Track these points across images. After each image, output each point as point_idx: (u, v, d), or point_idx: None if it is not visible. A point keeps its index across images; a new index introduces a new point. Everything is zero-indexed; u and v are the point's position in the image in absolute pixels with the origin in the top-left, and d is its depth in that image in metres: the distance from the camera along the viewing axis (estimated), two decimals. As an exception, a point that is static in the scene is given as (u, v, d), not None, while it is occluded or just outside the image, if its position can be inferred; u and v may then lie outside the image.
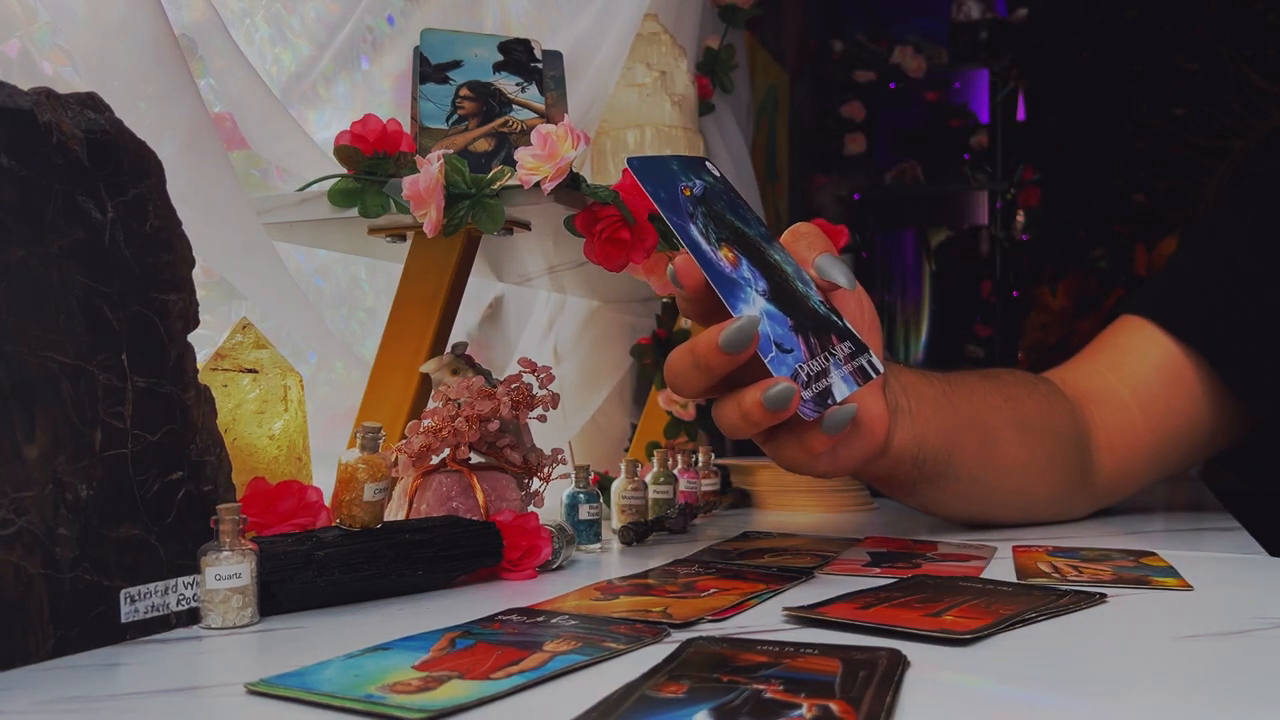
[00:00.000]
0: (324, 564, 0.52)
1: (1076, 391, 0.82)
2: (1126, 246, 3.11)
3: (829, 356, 0.55)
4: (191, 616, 0.48)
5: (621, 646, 0.42)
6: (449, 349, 0.74)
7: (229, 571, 0.47)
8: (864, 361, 0.56)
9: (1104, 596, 0.53)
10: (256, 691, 0.38)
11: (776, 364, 0.53)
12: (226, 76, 0.76)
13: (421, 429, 0.65)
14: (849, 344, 0.56)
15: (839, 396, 0.54)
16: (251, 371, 0.64)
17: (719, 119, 1.40)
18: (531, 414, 0.68)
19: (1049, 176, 3.11)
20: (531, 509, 0.68)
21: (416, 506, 0.65)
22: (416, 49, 0.84)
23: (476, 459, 0.68)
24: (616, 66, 1.06)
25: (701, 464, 0.92)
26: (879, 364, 0.56)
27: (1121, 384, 0.83)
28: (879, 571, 0.60)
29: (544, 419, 0.69)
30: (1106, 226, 3.20)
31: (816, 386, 0.53)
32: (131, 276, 0.47)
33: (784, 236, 0.60)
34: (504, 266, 1.01)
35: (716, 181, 0.59)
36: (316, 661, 0.40)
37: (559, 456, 0.71)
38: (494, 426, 0.66)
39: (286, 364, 0.66)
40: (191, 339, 0.50)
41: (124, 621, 0.45)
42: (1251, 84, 3.04)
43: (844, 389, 0.54)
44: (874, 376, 0.55)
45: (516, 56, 0.86)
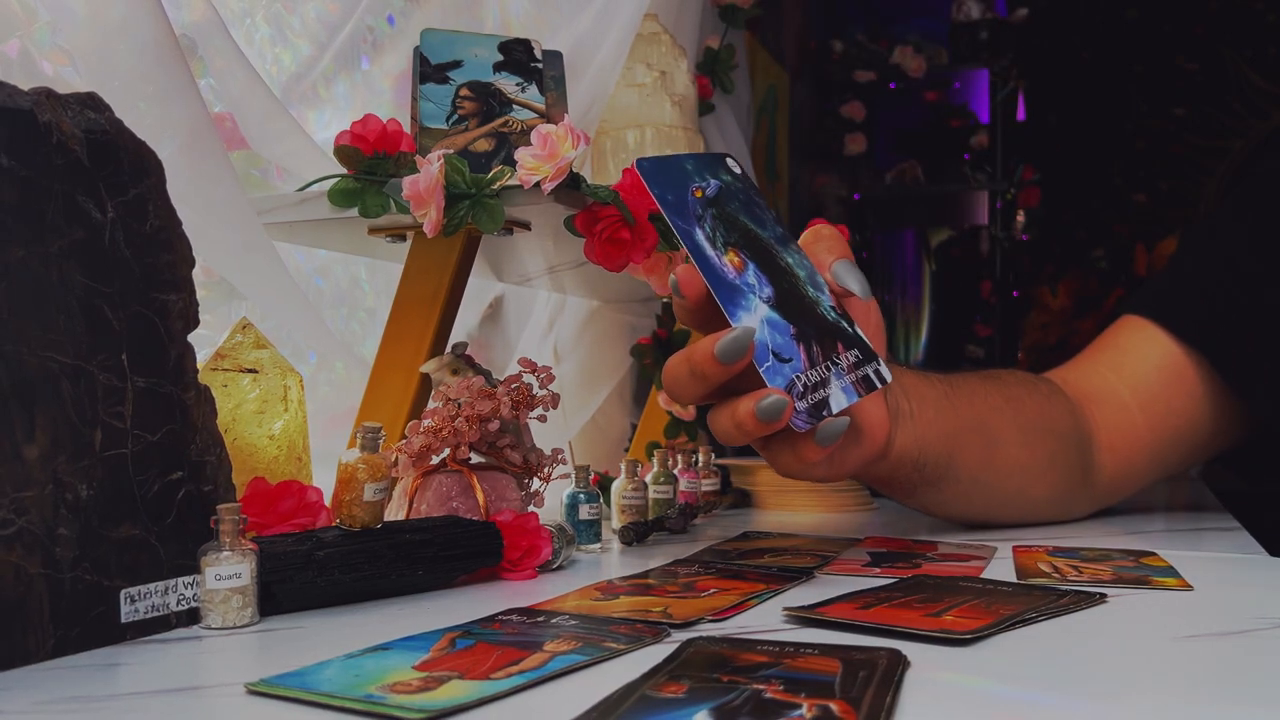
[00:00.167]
0: (324, 564, 0.52)
1: (1077, 392, 0.82)
2: (1126, 246, 3.12)
3: (831, 365, 0.54)
4: (191, 616, 0.48)
5: (622, 646, 0.42)
6: (449, 349, 0.74)
7: (229, 571, 0.47)
8: (870, 370, 0.55)
9: (1104, 596, 0.53)
10: (256, 691, 0.38)
11: (772, 374, 0.52)
12: (227, 76, 0.76)
13: (421, 429, 0.65)
14: (856, 352, 0.55)
15: (835, 408, 0.53)
16: (251, 371, 0.64)
17: (719, 119, 1.40)
18: (531, 414, 0.68)
19: (1049, 176, 3.11)
20: (531, 509, 0.68)
21: (416, 506, 0.65)
22: (416, 49, 0.84)
23: (477, 459, 0.68)
24: (616, 66, 1.06)
25: (701, 464, 0.92)
26: (887, 373, 0.55)
27: (1122, 384, 0.83)
28: (879, 571, 0.60)
29: (544, 419, 0.69)
30: (1106, 226, 3.21)
31: (813, 397, 0.53)
32: (131, 276, 0.47)
33: (804, 237, 0.60)
34: (504, 266, 1.01)
35: (734, 180, 0.59)
36: (316, 661, 0.40)
37: (559, 456, 0.71)
38: (494, 426, 0.66)
39: (286, 364, 0.66)
40: (191, 339, 0.50)
41: (124, 621, 0.45)
42: (1251, 84, 3.04)
43: (843, 399, 0.54)
44: (879, 386, 0.55)
45: (516, 56, 0.86)
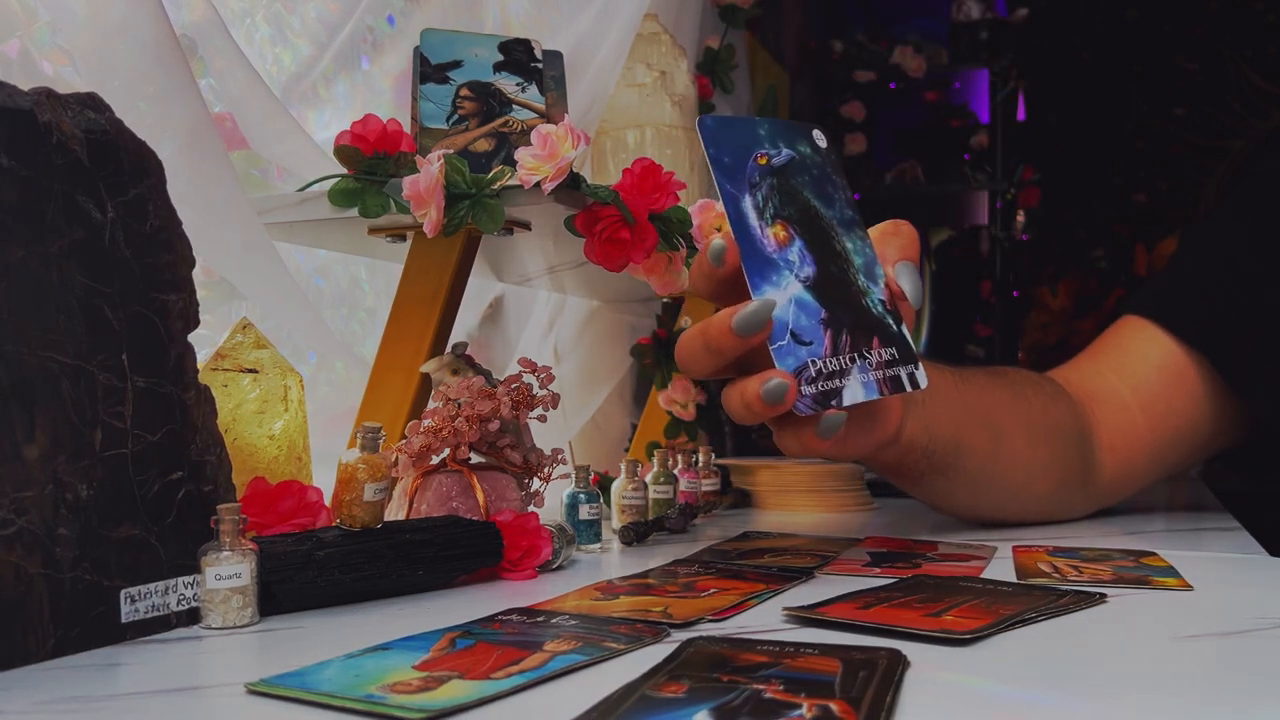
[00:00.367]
0: (324, 564, 0.52)
1: (1079, 391, 0.82)
2: (1126, 246, 3.12)
3: (858, 358, 0.53)
4: (192, 616, 0.48)
5: (622, 646, 0.42)
6: (449, 349, 0.74)
7: (229, 571, 0.47)
8: (903, 372, 0.54)
9: (1104, 596, 0.53)
10: (257, 691, 0.38)
11: (783, 354, 0.52)
12: (227, 76, 0.76)
13: (422, 429, 0.65)
14: (893, 350, 0.54)
15: (849, 400, 0.53)
16: (252, 371, 0.64)
17: (719, 119, 1.40)
18: (531, 414, 0.68)
19: (1049, 176, 3.11)
20: (531, 509, 0.68)
21: (417, 506, 0.65)
22: (417, 49, 0.84)
23: (477, 459, 0.68)
24: (616, 66, 1.06)
25: (702, 464, 0.92)
26: (923, 378, 0.55)
27: (1123, 384, 0.83)
28: (879, 571, 0.60)
29: (544, 419, 0.69)
30: (1106, 226, 3.21)
31: (825, 384, 0.52)
32: (131, 276, 0.47)
33: (879, 227, 0.59)
34: (504, 266, 1.01)
35: (814, 154, 0.57)
36: (316, 661, 0.40)
37: (559, 456, 0.71)
38: (494, 426, 0.66)
39: (286, 364, 0.66)
40: (192, 339, 0.50)
41: (124, 621, 0.45)
42: (1251, 84, 3.04)
43: (859, 393, 0.53)
44: (908, 389, 0.54)
45: (517, 56, 0.86)
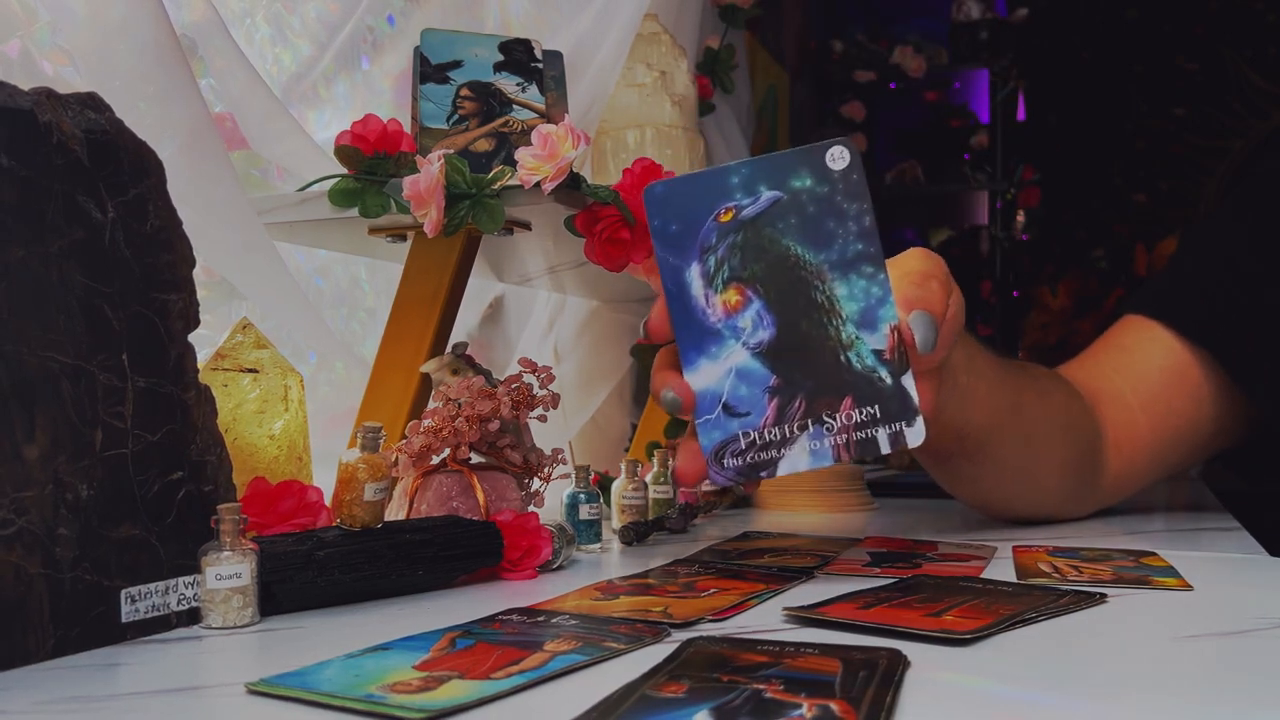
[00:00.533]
0: (324, 564, 0.52)
1: (1086, 390, 0.82)
2: (1126, 246, 3.11)
3: (812, 424, 0.51)
4: (192, 616, 0.48)
5: (622, 646, 0.42)
6: (449, 349, 0.74)
7: (229, 571, 0.47)
8: (884, 432, 0.51)
9: (1104, 596, 0.53)
10: (257, 691, 0.38)
11: (707, 428, 0.51)
12: (227, 76, 0.76)
13: (422, 429, 0.65)
14: (873, 409, 0.51)
15: (784, 470, 0.51)
16: (252, 371, 0.64)
17: (719, 119, 1.40)
18: (532, 414, 0.68)
19: (1049, 176, 3.11)
20: (532, 509, 0.68)
21: (417, 506, 0.65)
22: (417, 49, 0.84)
23: (477, 459, 0.68)
24: (617, 66, 1.06)
25: (701, 464, 0.92)
26: (917, 435, 0.51)
27: (1125, 383, 0.83)
28: (879, 571, 0.60)
29: (544, 419, 0.69)
30: (1106, 226, 3.20)
31: (757, 456, 0.51)
32: (132, 276, 0.47)
33: (905, 262, 0.55)
34: (504, 266, 1.01)
35: (817, 185, 0.52)
36: (317, 661, 0.40)
37: (559, 456, 0.71)
38: (494, 426, 0.66)
39: (287, 364, 0.66)
40: (192, 339, 0.50)
41: (124, 621, 0.45)
42: (1251, 84, 3.04)
43: (801, 463, 0.51)
44: (886, 450, 0.51)
45: (517, 56, 0.86)
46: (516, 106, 0.84)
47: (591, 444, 1.27)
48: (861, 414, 0.51)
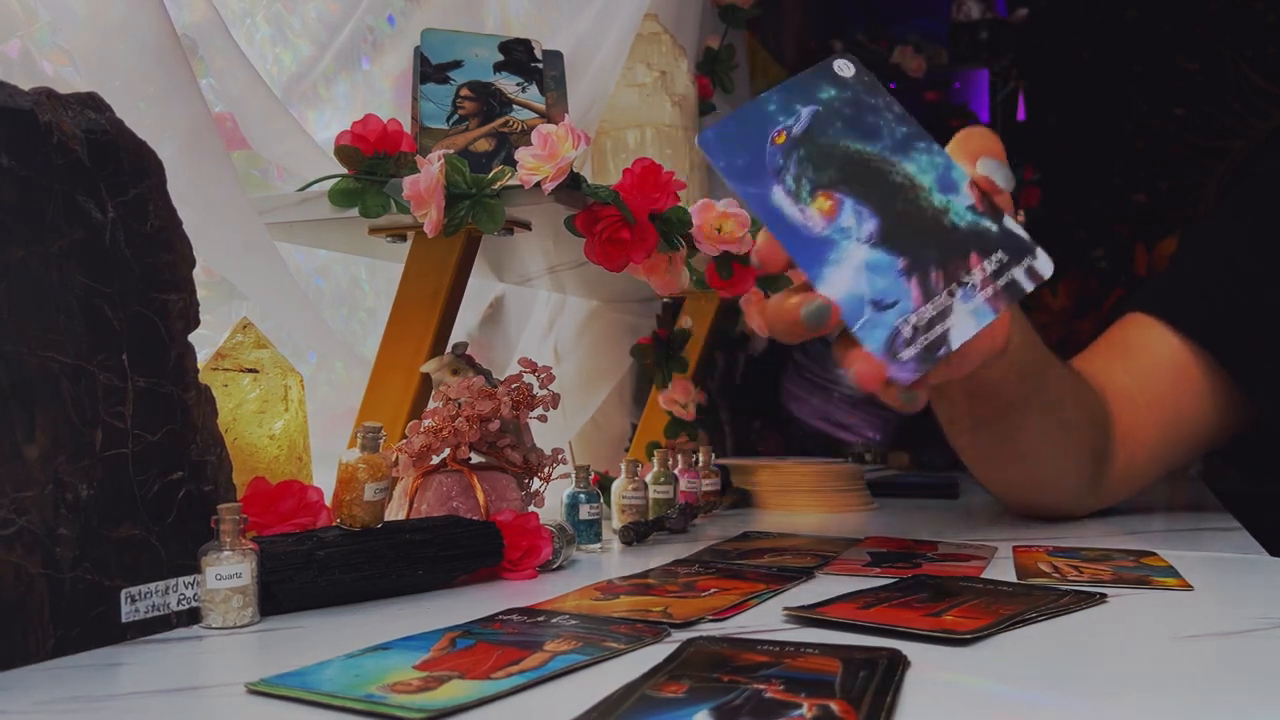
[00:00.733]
0: (324, 564, 0.52)
1: (1095, 385, 0.82)
2: (1126, 246, 3.11)
3: (958, 287, 0.50)
4: (192, 616, 0.48)
5: (622, 646, 0.42)
6: (449, 349, 0.74)
7: (229, 571, 0.47)
8: (1019, 272, 0.51)
9: (1104, 596, 0.53)
10: (257, 691, 0.38)
11: (868, 328, 0.49)
12: (227, 76, 0.76)
13: (422, 429, 0.65)
14: (1000, 255, 0.51)
15: (958, 340, 0.49)
16: (252, 371, 0.64)
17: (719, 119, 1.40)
18: (532, 414, 0.68)
19: (1049, 176, 3.11)
20: (532, 509, 0.68)
21: (417, 506, 0.65)
22: (417, 49, 0.84)
23: (477, 459, 0.68)
24: (617, 66, 1.06)
25: (702, 464, 0.92)
26: (1045, 264, 0.51)
27: (1132, 381, 0.83)
28: (879, 571, 0.60)
29: (544, 419, 0.69)
30: (1106, 226, 3.20)
31: (926, 337, 0.49)
32: (132, 276, 0.47)
33: (957, 139, 0.57)
34: (504, 266, 1.01)
35: (840, 92, 0.55)
36: (317, 661, 0.41)
37: (559, 456, 0.71)
38: (494, 426, 0.66)
39: (287, 364, 0.66)
40: (192, 339, 0.50)
41: (124, 621, 0.45)
42: (1251, 84, 3.04)
43: (971, 326, 0.50)
44: (1029, 287, 0.51)
45: (517, 56, 0.86)
46: (516, 106, 0.84)
47: (591, 444, 1.27)
48: (991, 264, 0.52)
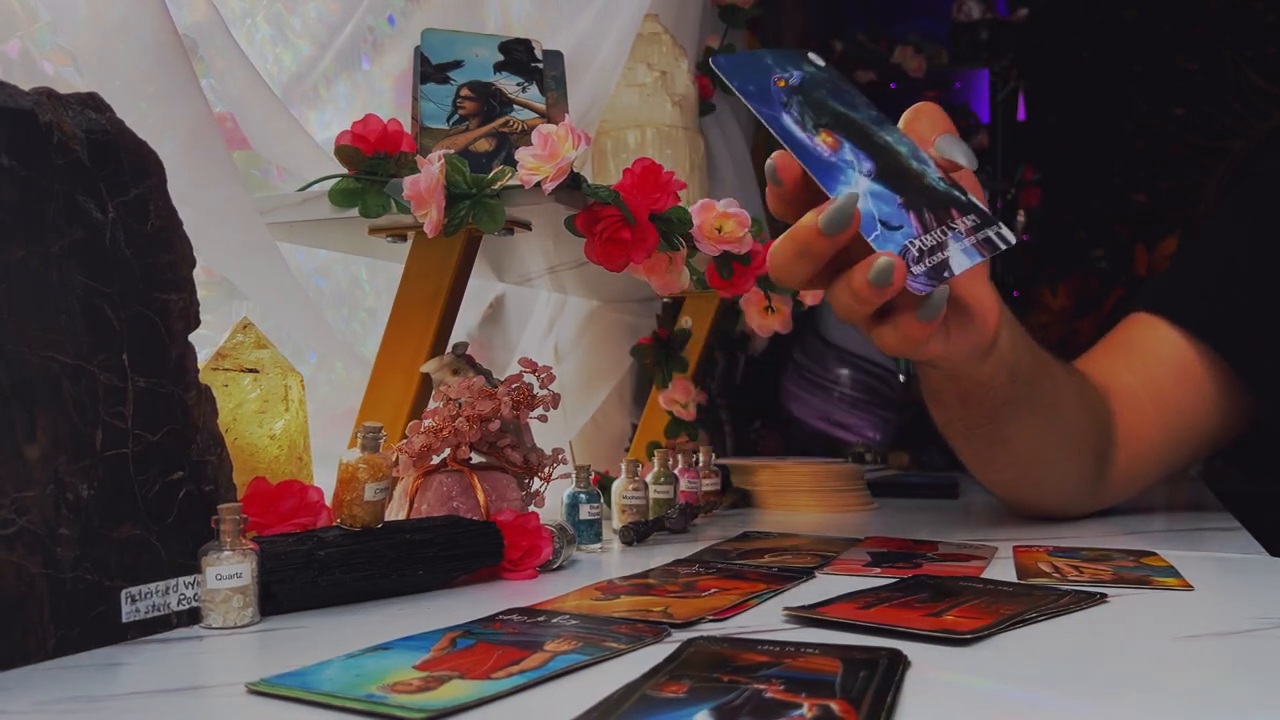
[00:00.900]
0: (325, 564, 0.52)
1: (1098, 385, 0.82)
2: (1126, 246, 3.11)
3: (948, 230, 0.53)
4: (192, 616, 0.48)
5: (622, 646, 0.42)
6: (450, 349, 0.74)
7: (230, 571, 0.47)
8: (992, 233, 0.54)
9: (1104, 596, 0.53)
10: (257, 691, 0.38)
11: (882, 242, 0.51)
12: (227, 76, 0.76)
13: (422, 429, 0.65)
14: (973, 217, 0.54)
15: (957, 268, 0.52)
16: (252, 371, 0.64)
17: (719, 119, 1.40)
18: (532, 414, 0.68)
19: (1049, 176, 3.11)
20: (532, 509, 0.68)
21: (417, 506, 0.65)
22: (417, 49, 0.84)
23: (477, 459, 0.68)
24: (617, 66, 1.06)
25: (702, 464, 0.92)
26: (1010, 234, 0.54)
27: (1135, 380, 0.83)
28: (879, 571, 0.60)
29: (544, 419, 0.69)
30: (1106, 226, 3.20)
31: (931, 260, 0.52)
32: (132, 276, 0.47)
33: (905, 116, 0.60)
34: (504, 266, 1.01)
35: (819, 71, 0.59)
36: (317, 661, 0.41)
37: (559, 456, 0.71)
38: (495, 426, 0.66)
39: (287, 364, 0.66)
40: (192, 339, 0.50)
41: (125, 621, 0.45)
42: (1251, 84, 3.04)
43: (964, 260, 0.52)
44: (1004, 247, 0.54)
45: (517, 56, 0.86)
46: (517, 106, 0.84)
47: (591, 444, 1.27)
48: (968, 221, 0.54)
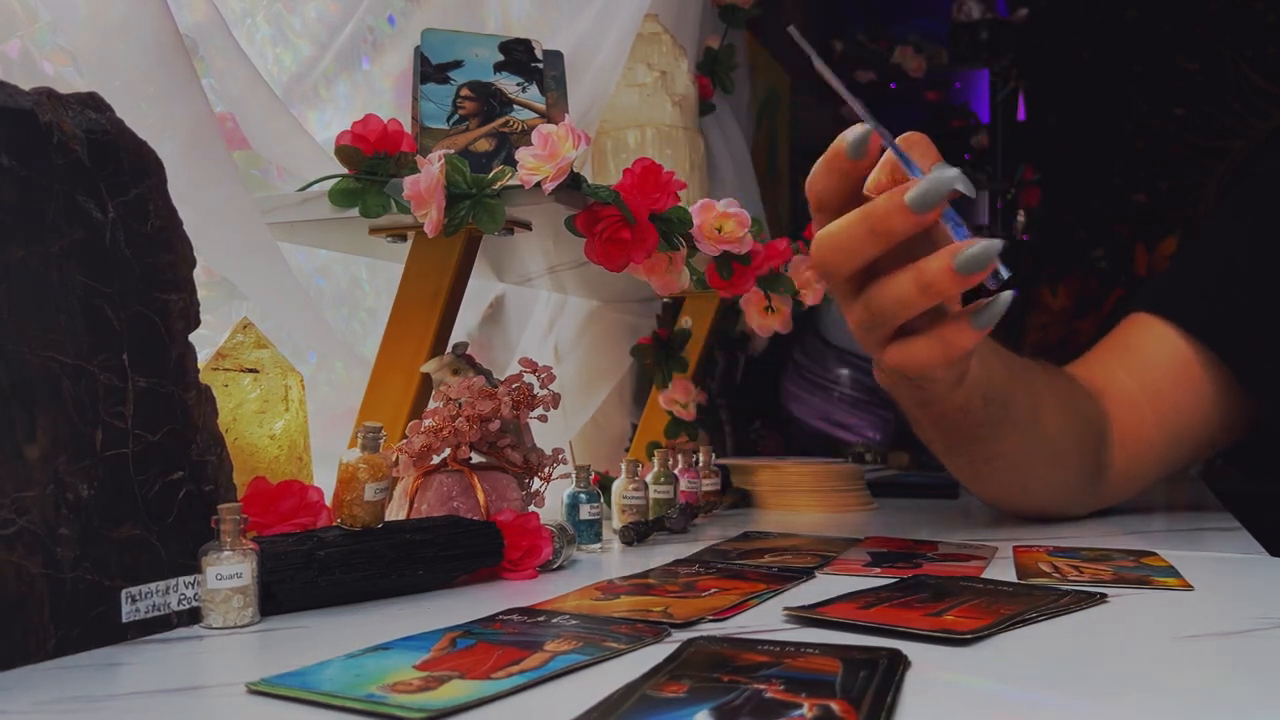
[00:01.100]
0: (325, 564, 0.52)
1: (1094, 387, 0.82)
2: (1126, 246, 3.11)
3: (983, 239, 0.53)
4: (192, 616, 0.48)
5: (622, 646, 0.42)
6: (450, 349, 0.74)
7: (230, 571, 0.47)
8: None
9: (1104, 596, 0.53)
10: (257, 691, 0.38)
11: (960, 235, 0.51)
12: (228, 76, 0.76)
13: (422, 429, 0.65)
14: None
15: (1005, 274, 0.51)
16: (252, 371, 0.64)
17: (719, 119, 1.40)
18: (532, 414, 0.68)
19: (1049, 176, 3.11)
20: (532, 509, 0.68)
21: (417, 506, 0.65)
22: (417, 49, 0.84)
23: (477, 459, 0.68)
24: (617, 66, 1.06)
25: (702, 464, 0.92)
26: (1004, 270, 0.53)
27: (1133, 380, 0.83)
28: (879, 571, 0.60)
29: (544, 419, 0.69)
30: (1106, 226, 3.20)
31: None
32: (132, 276, 0.47)
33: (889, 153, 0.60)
34: (504, 266, 1.01)
35: None
36: (317, 661, 0.41)
37: (559, 456, 0.71)
38: (495, 426, 0.66)
39: (287, 364, 0.66)
40: (192, 339, 0.50)
41: (125, 621, 0.45)
42: (1251, 84, 3.04)
43: (1003, 271, 0.52)
44: (1005, 276, 0.53)
45: (517, 56, 0.86)
46: (517, 106, 0.84)
47: (592, 444, 1.27)
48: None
